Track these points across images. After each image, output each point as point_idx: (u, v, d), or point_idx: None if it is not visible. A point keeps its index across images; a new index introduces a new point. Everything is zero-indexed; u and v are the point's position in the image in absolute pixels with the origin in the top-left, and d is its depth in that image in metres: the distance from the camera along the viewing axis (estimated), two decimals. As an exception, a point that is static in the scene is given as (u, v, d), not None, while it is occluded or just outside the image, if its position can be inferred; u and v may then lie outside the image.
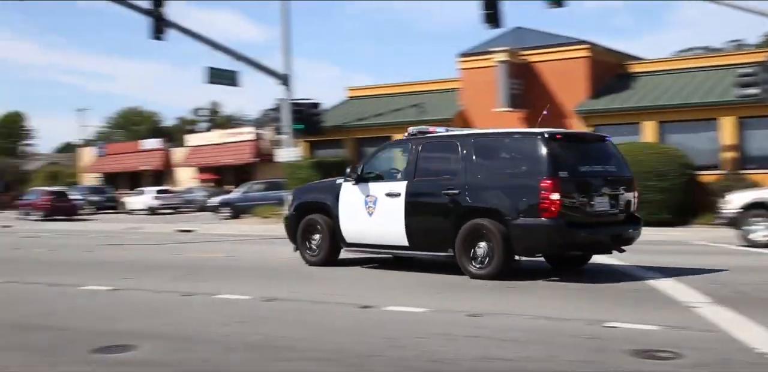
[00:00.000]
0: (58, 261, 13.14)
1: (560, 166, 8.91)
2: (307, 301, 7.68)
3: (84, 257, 13.85)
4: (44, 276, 10.37)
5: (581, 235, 8.93)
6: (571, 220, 8.86)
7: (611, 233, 9.34)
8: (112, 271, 10.93)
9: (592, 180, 9.26)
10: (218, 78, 24.66)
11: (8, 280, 9.80)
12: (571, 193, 8.94)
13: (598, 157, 9.53)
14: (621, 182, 9.56)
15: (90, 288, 8.87)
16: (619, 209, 9.46)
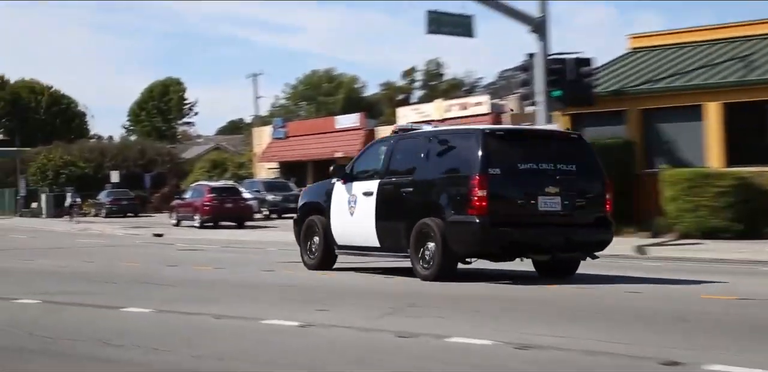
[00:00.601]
0: (230, 283, 13.62)
1: (493, 163, 11.03)
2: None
3: (260, 278, 14.28)
4: (210, 305, 10.52)
5: (514, 234, 10.90)
6: (504, 219, 10.95)
7: (560, 235, 11.18)
8: (301, 298, 11.03)
9: (534, 178, 11.27)
10: (443, 25, 22.39)
11: (161, 309, 10.00)
12: (505, 191, 11.20)
13: (551, 154, 11.44)
14: (580, 181, 11.53)
15: (273, 322, 8.86)
16: (575, 210, 11.44)
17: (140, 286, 12.75)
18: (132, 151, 63.29)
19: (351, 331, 8.14)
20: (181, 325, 8.94)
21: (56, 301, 11.00)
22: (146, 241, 27.84)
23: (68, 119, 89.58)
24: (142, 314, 9.64)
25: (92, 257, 19.37)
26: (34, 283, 13.51)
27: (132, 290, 12.22)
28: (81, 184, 57.94)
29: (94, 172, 59.79)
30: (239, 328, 8.67)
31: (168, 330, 8.59)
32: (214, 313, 9.61)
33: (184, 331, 8.56)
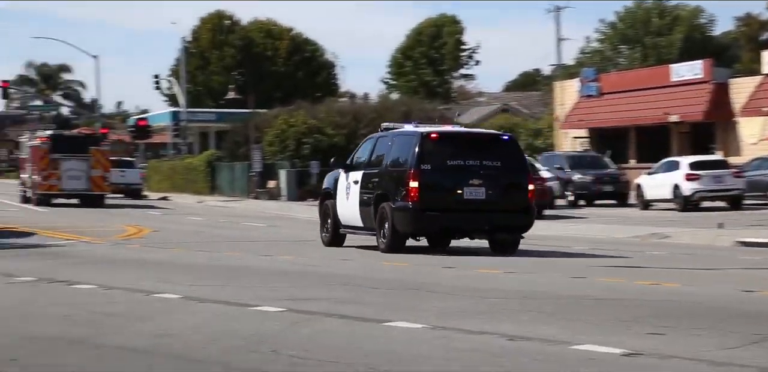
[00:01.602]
0: (525, 293, 13.91)
1: (425, 160, 18.96)
2: None
3: (565, 288, 14.54)
4: (500, 321, 10.87)
5: (441, 218, 19.04)
6: (433, 206, 18.97)
7: (483, 220, 19.29)
8: (629, 316, 11.00)
9: (461, 172, 19.22)
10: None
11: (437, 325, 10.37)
12: (435, 183, 19.18)
13: (478, 152, 19.45)
14: (505, 175, 19.51)
15: (586, 349, 8.98)
16: (497, 198, 19.35)
17: (409, 294, 13.30)
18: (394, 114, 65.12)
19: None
20: (464, 347, 9.24)
21: (305, 309, 11.73)
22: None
23: (313, 72, 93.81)
24: (413, 331, 10.07)
25: (349, 254, 20.33)
26: (276, 285, 14.46)
27: (398, 299, 12.78)
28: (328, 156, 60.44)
29: (345, 141, 62.14)
30: (540, 353, 8.87)
31: (447, 354, 8.91)
32: (505, 333, 9.84)
33: (470, 356, 8.87)
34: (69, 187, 46.67)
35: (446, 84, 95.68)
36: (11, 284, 15.47)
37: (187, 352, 9.26)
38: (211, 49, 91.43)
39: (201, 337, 9.96)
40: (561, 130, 57.77)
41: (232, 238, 26.43)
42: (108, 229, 30.01)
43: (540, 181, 37.98)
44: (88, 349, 9.50)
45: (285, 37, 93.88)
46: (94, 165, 46.88)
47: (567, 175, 43.08)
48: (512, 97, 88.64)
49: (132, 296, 13.57)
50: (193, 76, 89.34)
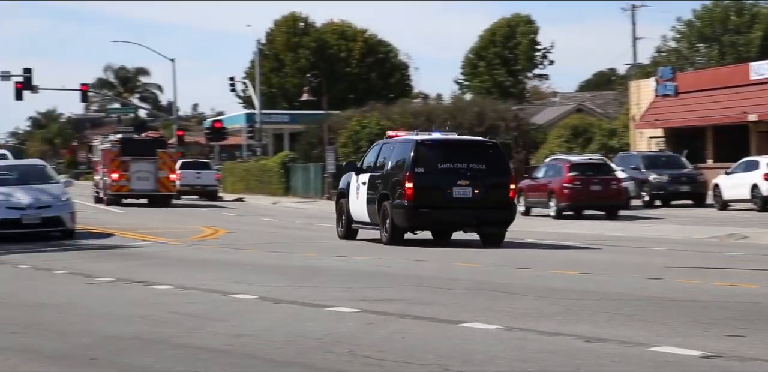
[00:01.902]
0: (600, 293, 13.54)
1: (418, 164, 21.63)
2: None
3: (642, 288, 14.37)
4: (575, 322, 10.54)
5: (432, 214, 21.67)
6: (426, 204, 21.60)
7: (468, 216, 21.98)
8: (707, 318, 11.01)
9: (450, 174, 21.97)
10: None
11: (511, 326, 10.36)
12: (427, 183, 21.77)
13: (466, 157, 22.29)
14: (489, 176, 22.26)
15: (665, 350, 8.93)
16: (482, 197, 22.06)
17: (482, 295, 13.29)
18: (467, 115, 65.08)
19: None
20: (540, 349, 9.23)
21: (379, 310, 11.77)
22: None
23: (386, 73, 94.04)
24: (487, 332, 10.06)
25: (420, 255, 20.36)
26: (351, 286, 14.52)
27: (472, 300, 12.77)
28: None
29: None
30: (618, 355, 8.81)
31: (523, 355, 8.90)
32: (581, 334, 9.80)
33: (546, 358, 8.85)
34: (137, 187, 49.13)
35: (520, 84, 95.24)
36: (92, 284, 15.72)
37: (263, 353, 9.33)
38: (286, 51, 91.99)
39: (277, 338, 10.04)
40: (636, 130, 57.22)
41: (306, 238, 26.55)
42: (185, 230, 30.31)
43: (615, 181, 37.75)
44: (166, 349, 9.62)
45: (359, 38, 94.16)
46: (161, 167, 49.21)
47: (643, 176, 42.63)
48: (587, 96, 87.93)
49: (209, 297, 13.71)
50: (268, 78, 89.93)
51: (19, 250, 23.06)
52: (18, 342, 10.36)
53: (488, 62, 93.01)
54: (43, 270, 18.44)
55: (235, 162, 79.60)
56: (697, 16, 78.34)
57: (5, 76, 67.43)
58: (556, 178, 37.59)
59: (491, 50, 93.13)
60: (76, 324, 11.50)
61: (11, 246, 24.25)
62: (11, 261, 20.54)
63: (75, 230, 26.78)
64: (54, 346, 10.08)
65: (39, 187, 26.94)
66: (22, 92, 67.07)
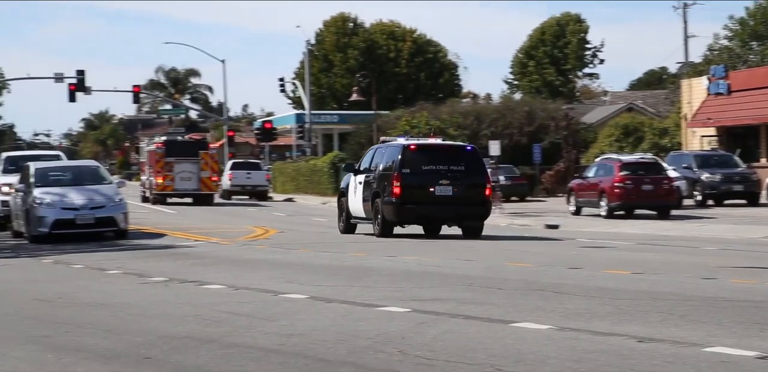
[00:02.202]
0: (653, 293, 13.65)
1: (405, 166, 24.83)
2: None
3: (697, 288, 14.50)
4: (627, 322, 10.59)
5: (417, 210, 24.78)
6: (411, 200, 24.64)
7: (448, 211, 24.99)
8: (760, 318, 10.94)
9: (433, 175, 24.95)
10: None
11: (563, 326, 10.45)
12: (412, 183, 24.81)
13: (447, 159, 25.27)
14: (467, 177, 25.15)
15: (717, 351, 8.92)
16: (461, 194, 25.03)
17: (533, 295, 13.23)
18: (516, 114, 64.95)
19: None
20: (592, 349, 9.17)
21: (429, 310, 11.76)
22: (537, 235, 28.65)
23: (435, 73, 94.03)
24: (539, 332, 10.02)
25: (470, 254, 20.34)
26: (401, 286, 14.52)
27: (523, 299, 12.72)
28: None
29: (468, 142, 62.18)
30: (671, 356, 8.75)
31: (575, 355, 8.85)
32: (634, 335, 9.74)
33: (598, 358, 8.80)
34: (181, 187, 51.78)
35: (570, 83, 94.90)
36: (145, 284, 15.83)
37: (315, 352, 9.35)
38: (335, 51, 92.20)
39: (328, 337, 10.05)
40: (688, 129, 56.79)
41: (356, 238, 26.58)
42: (236, 230, 30.46)
43: (667, 180, 37.46)
44: (218, 348, 9.66)
45: (408, 38, 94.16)
46: (203, 167, 51.71)
47: (695, 175, 42.27)
48: (637, 95, 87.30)
49: (260, 296, 13.76)
50: (317, 79, 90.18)
51: (73, 250, 23.30)
52: (73, 341, 10.46)
53: (538, 61, 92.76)
54: (96, 270, 18.60)
55: (285, 162, 79.87)
56: (749, 14, 77.63)
57: (59, 78, 68.10)
58: (607, 177, 37.37)
59: (541, 49, 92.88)
60: (129, 323, 11.59)
61: (65, 246, 24.51)
62: (66, 261, 20.76)
63: (128, 230, 27.01)
64: (108, 345, 10.16)
65: (92, 188, 27.20)
66: (76, 94, 67.70)
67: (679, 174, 40.74)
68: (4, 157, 35.29)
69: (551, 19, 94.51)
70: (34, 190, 26.71)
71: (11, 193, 29.42)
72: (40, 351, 9.93)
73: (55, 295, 14.61)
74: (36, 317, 12.34)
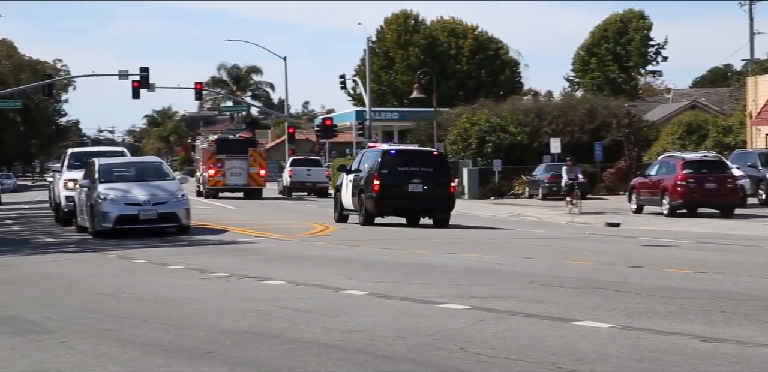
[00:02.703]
0: (717, 292, 13.65)
1: (384, 167, 30.56)
2: None
3: (761, 289, 13.55)
4: (690, 322, 10.63)
5: (391, 204, 30.44)
6: (389, 196, 30.22)
7: (419, 205, 30.74)
8: None
9: (407, 175, 30.52)
10: None
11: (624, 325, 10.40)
12: (390, 181, 30.32)
13: (418, 162, 30.99)
14: (435, 176, 30.65)
15: None
16: (430, 191, 30.50)
17: (594, 293, 13.16)
18: (578, 112, 64.48)
19: None
20: (654, 348, 9.10)
21: (489, 307, 11.74)
22: (598, 233, 28.49)
23: (496, 70, 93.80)
24: (600, 330, 9.96)
25: (530, 252, 20.28)
26: (461, 283, 14.51)
27: (584, 298, 12.66)
28: (511, 154, 60.44)
29: (528, 139, 61.87)
30: (735, 356, 8.68)
31: (636, 354, 8.80)
32: (697, 334, 9.66)
33: (661, 357, 8.73)
34: (232, 182, 56.30)
35: (632, 81, 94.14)
36: (207, 279, 15.95)
37: (375, 348, 9.37)
38: (396, 48, 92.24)
39: (389, 334, 10.07)
40: (753, 127, 56.12)
41: (414, 235, 26.60)
42: (296, 226, 30.59)
43: (731, 179, 37.00)
44: (280, 344, 9.71)
45: (469, 35, 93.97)
46: (252, 163, 56.33)
47: (760, 173, 41.69)
48: (701, 93, 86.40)
49: (320, 292, 13.81)
50: (378, 76, 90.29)
51: (136, 246, 23.52)
52: (136, 335, 10.57)
53: (600, 59, 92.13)
54: (159, 265, 18.77)
55: (345, 159, 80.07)
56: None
57: (123, 75, 68.83)
58: (669, 175, 36.99)
59: (603, 46, 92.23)
60: (191, 318, 11.68)
61: (129, 241, 24.76)
62: (129, 256, 20.96)
63: (190, 226, 27.21)
64: (170, 339, 10.25)
65: (155, 184, 27.44)
66: (139, 91, 68.39)
67: (743, 172, 40.18)
68: (69, 153, 35.71)
69: (614, 15, 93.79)
70: (99, 185, 26.98)
71: (76, 188, 29.76)
72: (105, 344, 10.05)
73: (119, 290, 14.77)
74: (100, 311, 12.48)
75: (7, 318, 12.18)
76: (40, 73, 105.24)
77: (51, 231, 31.11)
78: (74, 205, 29.82)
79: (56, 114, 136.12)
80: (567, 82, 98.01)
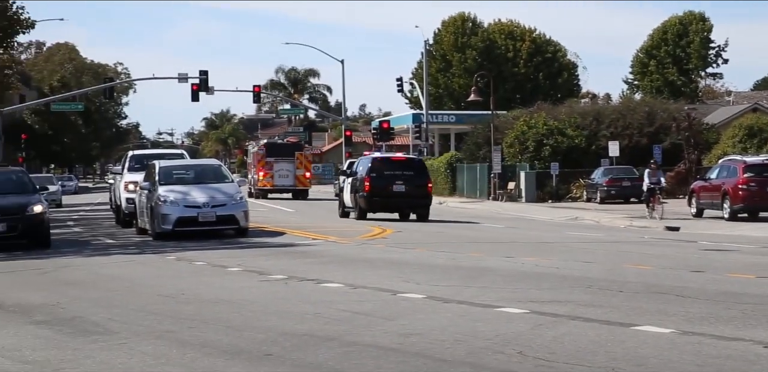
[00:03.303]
0: None
1: (373, 171, 37.23)
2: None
3: None
4: (749, 327, 10.55)
5: (381, 201, 36.79)
6: (377, 195, 36.67)
7: (402, 202, 37.29)
8: None
9: (392, 177, 37.13)
10: None
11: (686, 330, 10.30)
12: (378, 183, 36.82)
13: (401, 167, 37.85)
14: (416, 179, 37.35)
15: None
16: (411, 191, 37.06)
17: (655, 298, 13.05)
18: (636, 115, 63.97)
19: None
20: (716, 354, 9.03)
21: (548, 312, 11.69)
22: (657, 237, 28.27)
23: (554, 73, 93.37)
24: (660, 336, 9.88)
25: (589, 256, 20.17)
26: (519, 287, 14.46)
27: (644, 302, 12.56)
28: (569, 157, 60.13)
29: (586, 143, 61.50)
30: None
31: (698, 360, 8.72)
32: (761, 340, 9.55)
33: (723, 363, 8.65)
34: (279, 183, 60.93)
35: (692, 83, 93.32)
36: (265, 282, 16.03)
37: (433, 352, 9.36)
38: (453, 51, 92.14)
39: (446, 337, 10.06)
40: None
41: (472, 239, 26.54)
42: (353, 229, 30.65)
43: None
44: (338, 346, 9.74)
45: (526, 38, 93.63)
46: (299, 166, 60.96)
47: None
48: (763, 95, 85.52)
49: (378, 295, 13.83)
50: (435, 79, 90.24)
51: (195, 248, 23.68)
52: (196, 336, 10.64)
53: (659, 61, 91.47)
54: (218, 267, 18.89)
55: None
56: None
57: (183, 78, 69.33)
58: (730, 179, 36.59)
59: (662, 49, 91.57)
60: (250, 320, 11.74)
61: (188, 243, 24.93)
62: (188, 258, 21.11)
63: (248, 228, 27.35)
64: (230, 341, 10.31)
65: (214, 186, 27.61)
66: (199, 94, 68.86)
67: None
68: (129, 156, 36.03)
69: (673, 17, 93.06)
70: (159, 188, 27.19)
71: (136, 190, 30.02)
72: (166, 346, 10.13)
73: (179, 292, 14.89)
74: (161, 313, 12.59)
75: (69, 319, 12.32)
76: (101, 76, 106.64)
77: (112, 233, 31.42)
78: (134, 207, 30.09)
79: (117, 116, 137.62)
80: (625, 84, 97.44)
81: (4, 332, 11.47)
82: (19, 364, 9.59)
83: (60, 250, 24.59)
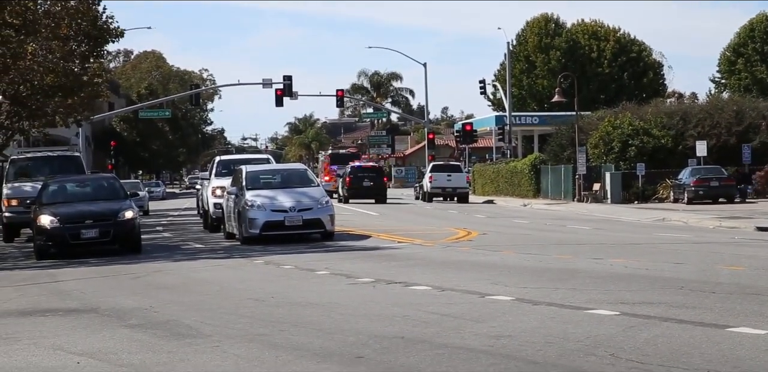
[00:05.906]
0: None
1: (350, 173, 62.97)
2: None
3: None
4: None
5: (356, 192, 62.29)
6: (353, 187, 62.69)
7: (370, 192, 61.98)
8: None
9: (363, 177, 62.89)
10: None
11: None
12: (354, 180, 62.64)
13: (369, 171, 63.73)
14: (377, 177, 63.45)
15: None
16: (374, 185, 62.63)
17: (749, 299, 12.87)
18: (724, 114, 63.00)
19: None
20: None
21: (639, 313, 11.59)
22: (748, 237, 27.84)
23: (639, 73, 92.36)
24: (757, 337, 9.75)
25: (679, 257, 19.94)
26: (609, 288, 14.35)
27: (738, 304, 12.39)
28: (655, 158, 59.44)
29: (673, 143, 60.79)
30: None
31: None
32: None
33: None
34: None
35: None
36: (354, 285, 16.10)
37: (524, 354, 9.34)
38: (537, 52, 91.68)
39: (537, 339, 10.02)
40: None
41: (559, 241, 26.37)
42: (438, 232, 30.63)
43: None
44: (429, 349, 9.75)
45: (610, 38, 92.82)
46: None
47: None
48: None
49: (466, 298, 13.81)
50: (518, 80, 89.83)
51: (282, 251, 23.87)
52: (288, 339, 10.73)
53: (747, 59, 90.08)
54: (306, 270, 19.01)
55: (485, 164, 79.88)
56: None
57: (267, 83, 69.98)
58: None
59: (750, 46, 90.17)
60: (340, 323, 11.80)
61: (275, 247, 25.13)
62: (276, 261, 21.29)
63: (334, 232, 27.48)
64: (321, 343, 10.38)
65: (300, 191, 27.79)
66: (283, 99, 69.44)
67: None
68: (217, 161, 36.42)
69: (761, 14, 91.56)
70: (246, 192, 27.44)
71: (224, 195, 30.31)
72: (258, 349, 10.23)
73: (268, 295, 15.02)
74: (252, 316, 12.71)
75: (163, 322, 12.50)
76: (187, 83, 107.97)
77: (200, 237, 31.79)
78: (222, 211, 30.39)
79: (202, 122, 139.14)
80: (712, 83, 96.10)
81: (101, 336, 11.68)
82: (116, 366, 9.76)
83: (151, 254, 24.95)
